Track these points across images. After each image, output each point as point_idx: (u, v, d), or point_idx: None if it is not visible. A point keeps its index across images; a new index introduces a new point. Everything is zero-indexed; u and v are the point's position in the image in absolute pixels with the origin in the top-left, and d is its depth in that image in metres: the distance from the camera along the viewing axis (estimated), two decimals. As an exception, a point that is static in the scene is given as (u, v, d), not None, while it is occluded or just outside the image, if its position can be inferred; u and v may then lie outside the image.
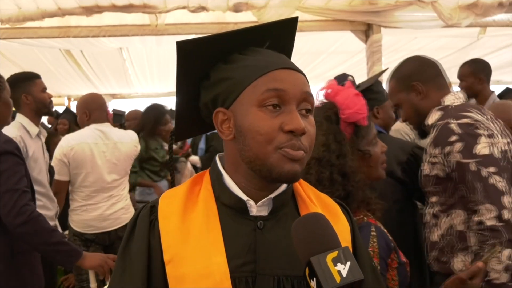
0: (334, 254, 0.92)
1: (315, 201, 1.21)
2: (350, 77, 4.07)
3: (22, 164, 2.62)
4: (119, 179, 3.99)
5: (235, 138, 1.11)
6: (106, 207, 3.92)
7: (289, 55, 1.24)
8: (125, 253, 1.14)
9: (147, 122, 5.46)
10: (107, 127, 3.98)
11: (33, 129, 3.36)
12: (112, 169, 3.93)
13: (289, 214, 1.16)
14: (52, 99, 3.58)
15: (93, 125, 3.92)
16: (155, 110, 5.56)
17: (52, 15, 5.09)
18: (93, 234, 3.93)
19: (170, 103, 13.24)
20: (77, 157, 3.79)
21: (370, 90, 2.93)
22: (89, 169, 3.84)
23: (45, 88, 3.51)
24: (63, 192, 3.85)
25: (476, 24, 6.01)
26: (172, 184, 1.34)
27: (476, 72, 4.04)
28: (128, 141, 4.06)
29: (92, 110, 3.94)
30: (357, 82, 4.51)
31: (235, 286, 1.06)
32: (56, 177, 3.78)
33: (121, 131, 4.26)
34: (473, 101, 4.09)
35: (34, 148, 3.27)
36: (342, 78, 4.52)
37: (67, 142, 3.83)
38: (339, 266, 0.90)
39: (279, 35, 1.21)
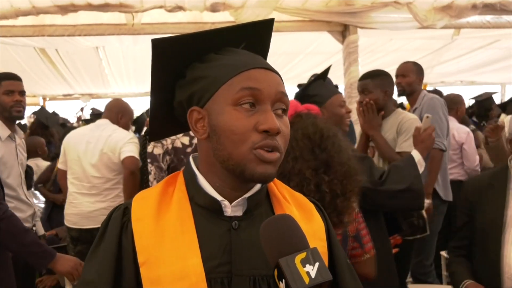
0: (302, 255, 0.92)
1: (289, 200, 1.21)
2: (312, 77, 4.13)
3: None
4: (101, 177, 4.01)
5: (209, 137, 1.10)
6: (89, 204, 3.94)
7: (264, 56, 1.24)
8: (94, 254, 1.13)
9: None
10: (103, 121, 4.18)
11: (4, 131, 3.29)
12: (95, 160, 3.99)
13: (263, 214, 1.16)
14: (19, 102, 3.38)
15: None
16: None
17: (26, 13, 5.01)
18: (77, 231, 3.97)
19: (147, 103, 13.11)
20: (66, 144, 4.13)
21: (306, 95, 2.99)
22: (74, 156, 4.05)
23: (11, 91, 3.36)
24: (62, 179, 4.29)
25: (451, 26, 6.11)
26: (145, 184, 1.34)
27: (418, 72, 4.18)
28: (116, 140, 4.04)
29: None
30: (334, 82, 4.55)
31: (211, 287, 1.05)
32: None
33: (118, 129, 4.20)
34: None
35: (3, 151, 3.21)
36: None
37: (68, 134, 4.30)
38: (308, 267, 0.90)
39: (255, 36, 1.21)
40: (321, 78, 3.07)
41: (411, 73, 4.14)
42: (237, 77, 1.07)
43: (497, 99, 9.89)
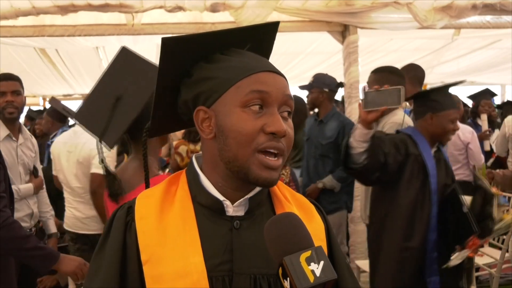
0: (307, 253, 0.92)
1: (291, 200, 1.22)
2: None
3: (1, 169, 2.60)
4: (82, 187, 3.90)
5: (215, 137, 1.11)
6: (82, 209, 3.91)
7: (267, 57, 1.26)
8: (100, 254, 1.14)
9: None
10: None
11: (2, 131, 3.28)
12: (75, 170, 3.89)
13: (265, 214, 1.17)
14: (11, 103, 3.34)
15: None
16: (297, 103, 5.09)
17: (26, 13, 5.00)
18: (73, 233, 3.96)
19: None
20: (52, 153, 4.08)
21: (427, 97, 3.11)
22: (57, 166, 4.01)
23: (1, 92, 3.32)
24: (57, 184, 4.19)
25: (451, 26, 6.11)
26: (146, 181, 1.34)
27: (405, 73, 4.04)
28: (89, 148, 3.83)
29: None
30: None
31: (212, 285, 1.06)
32: None
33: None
34: None
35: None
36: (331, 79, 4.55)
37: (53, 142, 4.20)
38: (313, 266, 0.90)
39: (260, 38, 1.23)
40: (449, 87, 3.15)
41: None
42: (246, 79, 1.08)
43: (497, 100, 9.91)
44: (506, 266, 4.40)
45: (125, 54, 2.17)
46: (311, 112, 5.18)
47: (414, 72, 4.14)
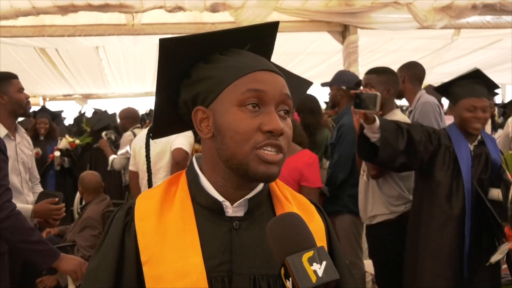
0: (309, 254, 0.92)
1: (291, 200, 1.22)
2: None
3: (6, 162, 2.64)
4: (159, 168, 4.20)
5: (213, 136, 1.12)
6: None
7: (269, 58, 1.25)
8: (97, 254, 1.15)
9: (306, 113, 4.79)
10: None
11: (1, 130, 3.28)
12: (156, 152, 4.17)
13: (265, 214, 1.17)
14: (29, 100, 3.48)
15: None
16: (310, 101, 4.77)
17: (26, 14, 5.02)
18: None
19: (147, 103, 13.09)
20: (134, 147, 4.50)
21: (447, 92, 3.28)
22: (136, 159, 4.43)
23: (22, 89, 3.41)
24: (132, 180, 4.54)
25: (451, 26, 6.12)
26: (149, 182, 1.34)
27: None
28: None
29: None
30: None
31: (212, 285, 1.06)
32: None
33: None
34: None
35: None
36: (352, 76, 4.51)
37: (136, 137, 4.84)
38: (315, 266, 0.90)
39: (260, 38, 1.22)
40: (465, 78, 3.19)
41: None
42: (243, 78, 1.09)
43: (497, 99, 9.90)
44: (506, 266, 4.39)
45: None
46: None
47: (414, 70, 4.10)
